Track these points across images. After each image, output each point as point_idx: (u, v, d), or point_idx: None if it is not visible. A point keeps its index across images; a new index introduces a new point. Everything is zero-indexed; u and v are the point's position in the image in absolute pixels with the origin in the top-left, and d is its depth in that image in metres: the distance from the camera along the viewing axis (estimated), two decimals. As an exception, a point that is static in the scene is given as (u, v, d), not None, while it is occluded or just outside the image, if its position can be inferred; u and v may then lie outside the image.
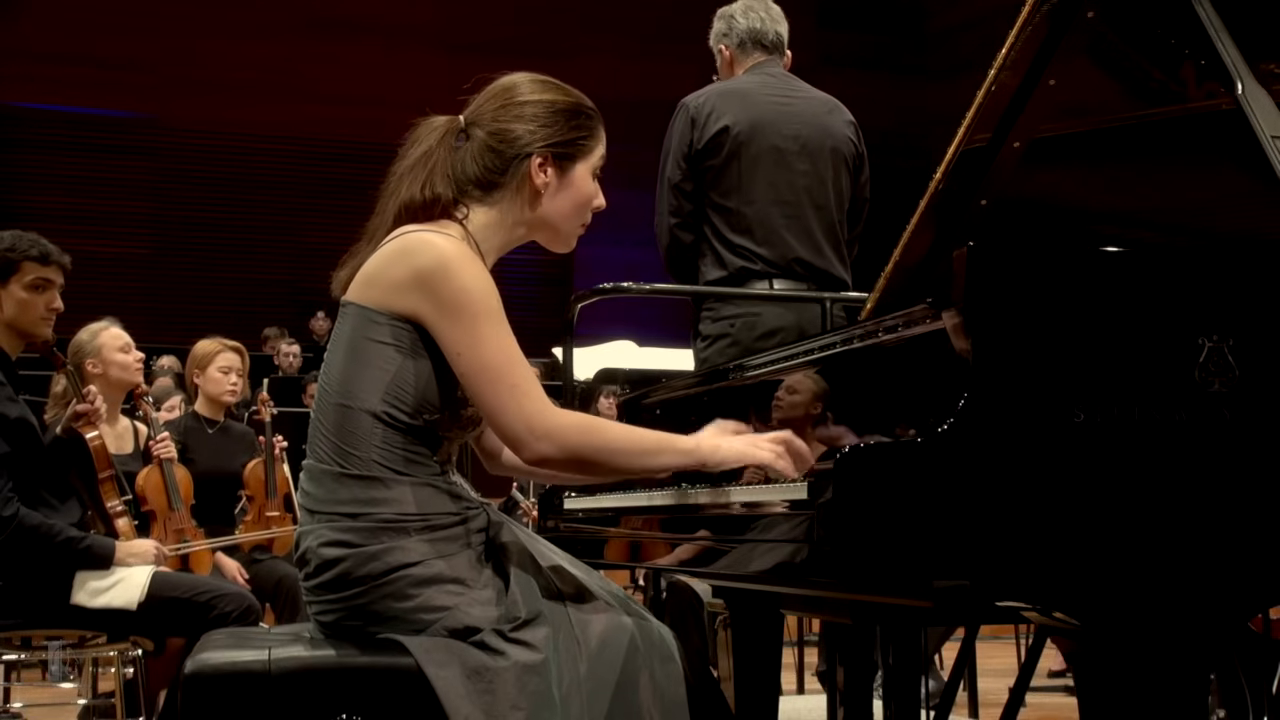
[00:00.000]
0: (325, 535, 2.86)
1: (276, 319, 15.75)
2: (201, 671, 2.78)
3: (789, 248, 5.04)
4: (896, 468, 2.42)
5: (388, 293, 2.91)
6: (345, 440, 2.89)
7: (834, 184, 5.20)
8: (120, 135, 17.43)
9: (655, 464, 2.96)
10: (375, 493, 2.86)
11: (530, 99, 3.08)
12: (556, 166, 3.07)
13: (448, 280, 2.85)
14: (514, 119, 3.06)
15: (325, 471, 2.90)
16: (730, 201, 5.06)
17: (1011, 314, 2.52)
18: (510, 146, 3.05)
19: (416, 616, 2.82)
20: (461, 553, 2.90)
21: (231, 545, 6.89)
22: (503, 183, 3.06)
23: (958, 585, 2.41)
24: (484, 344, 2.84)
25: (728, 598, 4.26)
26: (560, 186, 3.09)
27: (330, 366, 2.97)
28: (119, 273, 16.80)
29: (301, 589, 3.00)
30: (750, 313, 4.96)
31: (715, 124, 5.06)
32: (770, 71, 5.27)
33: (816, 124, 5.20)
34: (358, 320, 2.94)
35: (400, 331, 2.89)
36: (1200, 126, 3.21)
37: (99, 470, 5.47)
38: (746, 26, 5.28)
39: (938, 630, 6.56)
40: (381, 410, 2.88)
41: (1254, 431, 2.58)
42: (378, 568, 2.83)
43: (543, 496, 4.14)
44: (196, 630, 4.20)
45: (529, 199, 3.07)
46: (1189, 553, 2.53)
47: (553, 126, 3.06)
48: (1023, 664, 4.48)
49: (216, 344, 7.12)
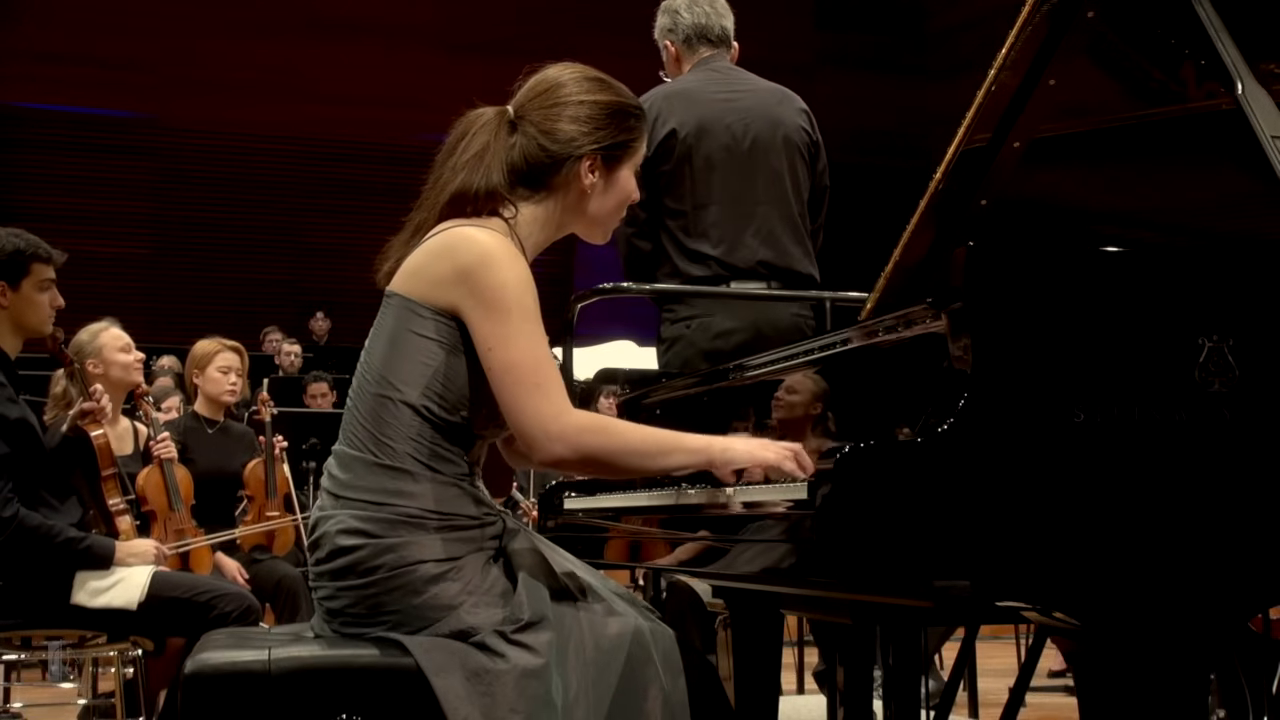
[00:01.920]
0: (345, 522, 2.88)
1: (276, 319, 15.74)
2: (201, 671, 2.78)
3: (750, 249, 4.98)
4: (897, 468, 2.42)
5: (431, 287, 2.92)
6: (381, 430, 2.91)
7: (790, 176, 5.12)
8: (120, 135, 17.41)
9: (667, 464, 2.97)
10: (402, 485, 2.88)
11: (581, 99, 3.09)
12: (604, 168, 3.10)
13: (488, 275, 2.87)
14: (565, 118, 3.07)
15: (357, 458, 2.92)
16: (684, 206, 4.99)
17: (1011, 314, 2.53)
18: (561, 146, 3.06)
19: (423, 613, 2.83)
20: (473, 555, 2.91)
21: (231, 545, 6.89)
22: (552, 182, 3.08)
23: (958, 585, 2.42)
24: (515, 341, 2.86)
25: (728, 598, 4.26)
26: (606, 186, 3.12)
27: (371, 356, 2.99)
28: (119, 273, 16.78)
29: (309, 573, 3.01)
30: (704, 314, 4.91)
31: (662, 128, 4.97)
32: (716, 67, 5.18)
33: (766, 116, 5.11)
34: (401, 312, 2.96)
35: (443, 326, 2.91)
36: (1200, 126, 3.21)
37: (102, 468, 5.49)
38: (691, 22, 5.20)
39: (938, 630, 6.54)
40: (421, 404, 2.90)
41: (1254, 432, 2.58)
42: (392, 560, 2.84)
43: (543, 496, 4.14)
44: (196, 630, 4.20)
45: (575, 198, 3.10)
46: (1189, 553, 2.53)
47: (605, 129, 3.08)
48: (1023, 664, 4.47)
49: (216, 344, 7.13)
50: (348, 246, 17.18)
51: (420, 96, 16.98)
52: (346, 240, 17.23)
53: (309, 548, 3.00)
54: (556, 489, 4.03)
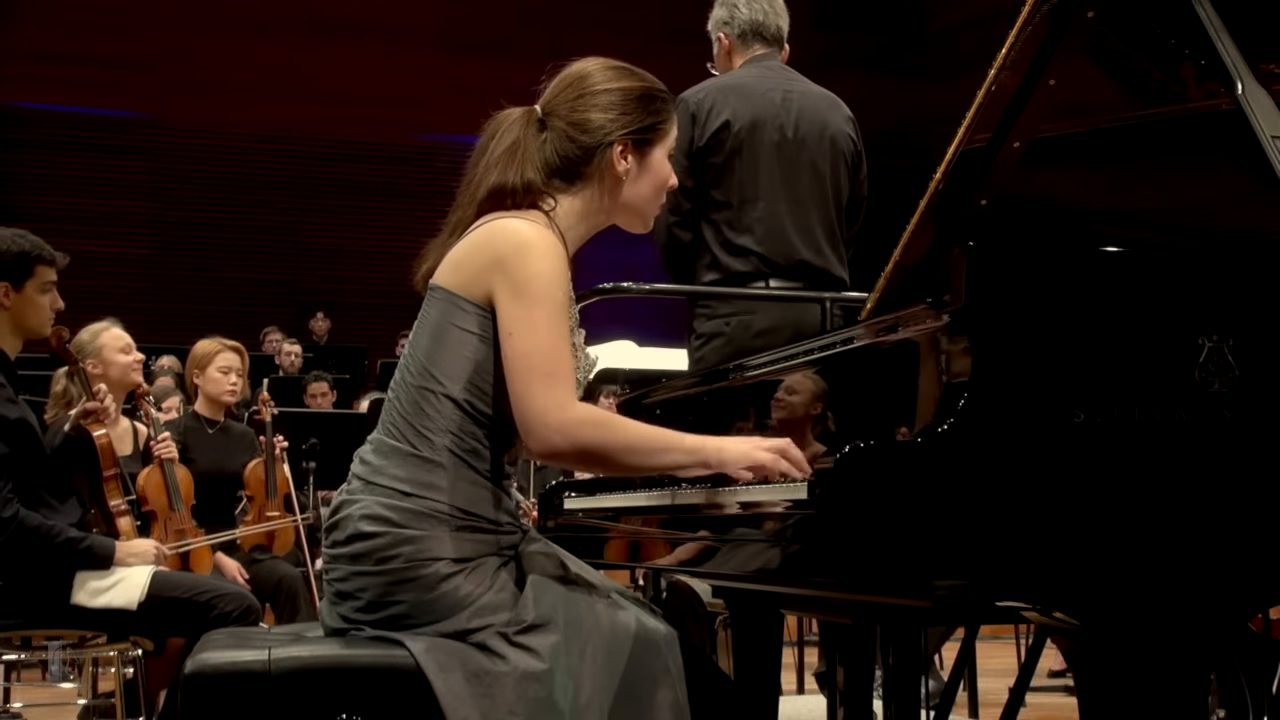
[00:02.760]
0: (370, 508, 2.89)
1: (276, 319, 15.75)
2: (201, 671, 2.78)
3: (793, 248, 4.99)
4: (897, 467, 2.42)
5: (472, 278, 2.94)
6: (422, 422, 2.93)
7: (833, 181, 5.14)
8: (120, 135, 17.41)
9: (663, 462, 2.97)
10: (434, 478, 2.89)
11: (606, 87, 3.11)
12: (636, 152, 3.12)
13: (523, 263, 2.90)
14: (592, 108, 3.09)
15: (395, 448, 2.94)
16: (732, 200, 4.99)
17: (1011, 314, 2.53)
18: (591, 136, 3.08)
19: (431, 609, 2.84)
20: (488, 558, 2.92)
21: (231, 545, 6.90)
22: (586, 172, 3.10)
23: (957, 585, 2.42)
24: (536, 329, 2.88)
25: (728, 598, 4.26)
26: (640, 171, 3.13)
27: (415, 349, 3.00)
28: (119, 273, 16.77)
29: (324, 556, 3.01)
30: (746, 312, 4.93)
31: (716, 119, 4.98)
32: (769, 65, 5.19)
33: (816, 119, 5.13)
34: (444, 305, 2.97)
35: (485, 320, 2.94)
36: (1200, 126, 3.21)
37: (104, 468, 5.49)
38: (749, 17, 5.20)
39: (938, 630, 6.54)
40: (464, 398, 2.92)
41: (1254, 432, 2.58)
42: (409, 552, 2.85)
43: (543, 496, 4.14)
44: (196, 630, 4.20)
45: (611, 186, 3.11)
46: (1189, 553, 2.53)
47: (632, 114, 3.10)
48: (1023, 664, 4.47)
49: (216, 344, 7.13)
50: (348, 246, 17.21)
51: (420, 96, 17.01)
52: (347, 240, 17.27)
53: (326, 529, 3.01)
54: (556, 489, 4.03)
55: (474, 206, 3.06)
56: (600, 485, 3.92)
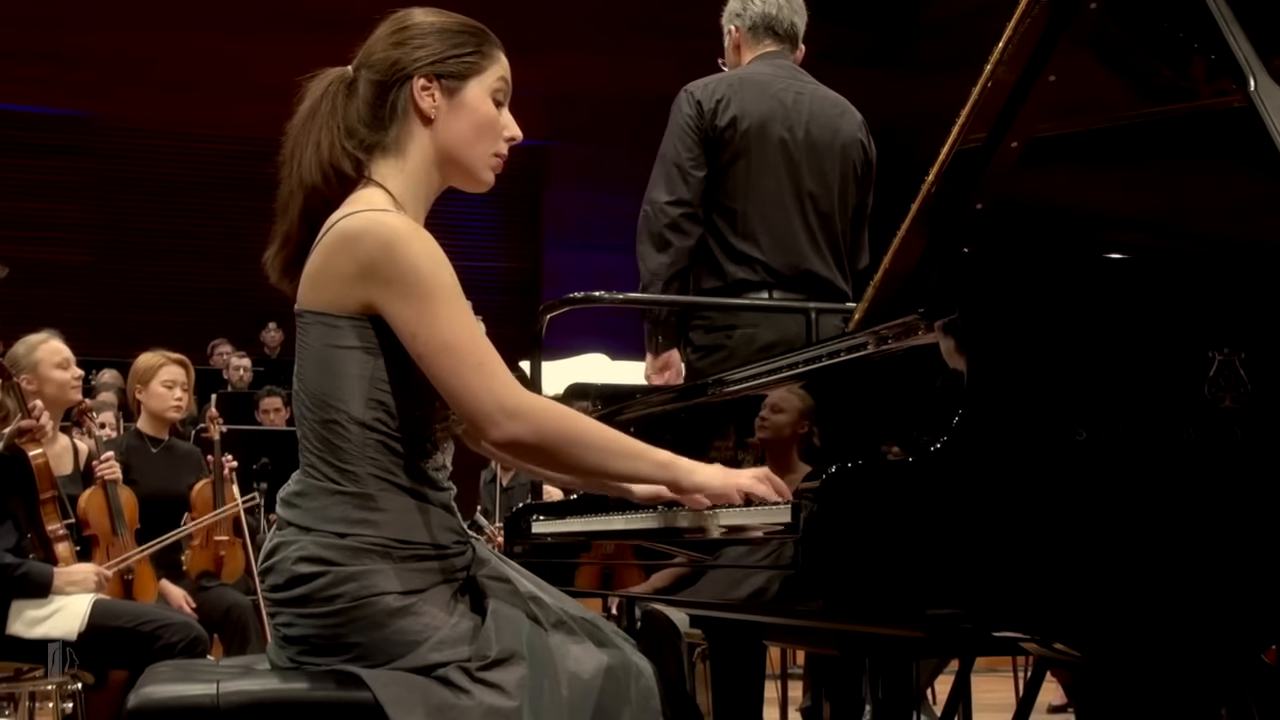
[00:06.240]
0: (307, 549, 2.84)
1: (225, 330, 15.71)
2: (145, 707, 2.76)
3: (801, 256, 5.00)
4: (886, 488, 2.41)
5: (340, 293, 2.88)
6: (337, 456, 2.87)
7: (840, 188, 5.16)
8: (58, 135, 17.37)
9: (627, 469, 2.96)
10: (367, 514, 2.85)
11: (414, 23, 3.06)
12: (443, 89, 3.03)
13: (393, 260, 2.82)
14: (395, 47, 3.03)
15: (320, 488, 2.88)
16: (735, 203, 5.00)
17: (1009, 325, 2.53)
18: (390, 74, 3.02)
19: (386, 648, 2.81)
20: (438, 587, 2.89)
21: (177, 572, 6.87)
22: (392, 118, 3.02)
23: (951, 614, 2.42)
24: (440, 322, 2.81)
25: (706, 627, 4.25)
26: (451, 109, 3.03)
27: (304, 382, 2.95)
28: (57, 280, 16.73)
29: (263, 600, 2.98)
30: (749, 324, 4.91)
31: (725, 114, 4.99)
32: (781, 64, 5.21)
33: (828, 125, 5.15)
34: (319, 329, 2.91)
35: (364, 331, 2.87)
36: (1210, 126, 3.21)
37: (40, 491, 5.47)
38: (761, 10, 5.21)
39: (930, 662, 6.53)
40: (369, 418, 2.87)
41: (1268, 451, 2.58)
42: (353, 590, 2.81)
43: (509, 520, 4.12)
44: (140, 662, 4.18)
45: (420, 128, 3.02)
46: (1198, 581, 2.53)
47: (433, 46, 3.03)
48: (1021, 699, 4.47)
49: (160, 357, 7.10)
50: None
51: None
52: (301, 246, 17.19)
53: (260, 573, 2.98)
54: (524, 511, 4.01)
55: (298, 217, 3.01)
56: (570, 508, 3.91)
